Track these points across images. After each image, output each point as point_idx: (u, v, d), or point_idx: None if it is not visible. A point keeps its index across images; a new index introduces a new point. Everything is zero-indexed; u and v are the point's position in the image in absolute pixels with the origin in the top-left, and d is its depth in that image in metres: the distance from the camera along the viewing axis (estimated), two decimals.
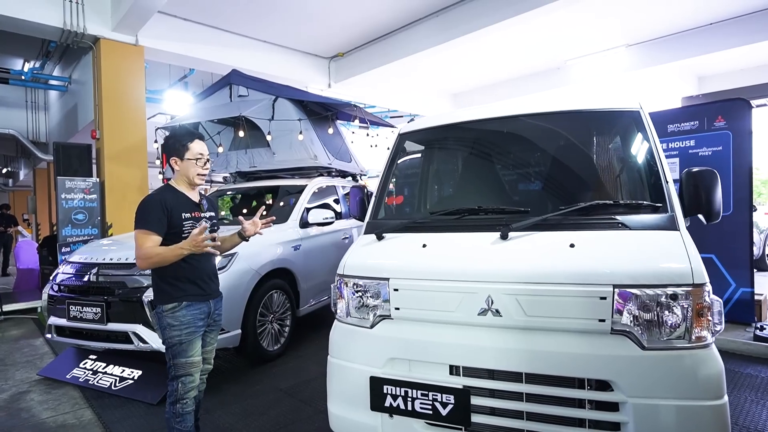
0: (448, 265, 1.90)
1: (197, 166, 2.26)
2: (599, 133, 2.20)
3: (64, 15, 6.49)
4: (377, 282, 2.03)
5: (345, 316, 2.14)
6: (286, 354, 4.24)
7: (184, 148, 2.25)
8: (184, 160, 2.25)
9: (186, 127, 2.38)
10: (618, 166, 2.10)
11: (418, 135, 2.65)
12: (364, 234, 2.36)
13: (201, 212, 2.30)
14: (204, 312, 2.26)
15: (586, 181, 2.11)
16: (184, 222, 2.19)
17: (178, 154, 2.26)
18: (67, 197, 6.50)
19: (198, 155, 2.26)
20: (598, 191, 2.06)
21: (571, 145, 2.21)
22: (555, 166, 2.20)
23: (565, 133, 2.25)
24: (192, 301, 2.21)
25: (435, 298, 1.88)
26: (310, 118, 5.81)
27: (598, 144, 2.18)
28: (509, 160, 2.37)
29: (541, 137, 2.29)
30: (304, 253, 4.60)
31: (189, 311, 2.19)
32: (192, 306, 2.20)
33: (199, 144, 2.29)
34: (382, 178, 2.56)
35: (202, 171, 2.29)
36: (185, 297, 2.19)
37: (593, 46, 9.42)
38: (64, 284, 3.70)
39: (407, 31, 8.62)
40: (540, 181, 2.22)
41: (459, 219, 2.13)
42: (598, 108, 2.22)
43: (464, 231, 2.06)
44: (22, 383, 3.77)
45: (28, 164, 14.80)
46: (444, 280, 1.87)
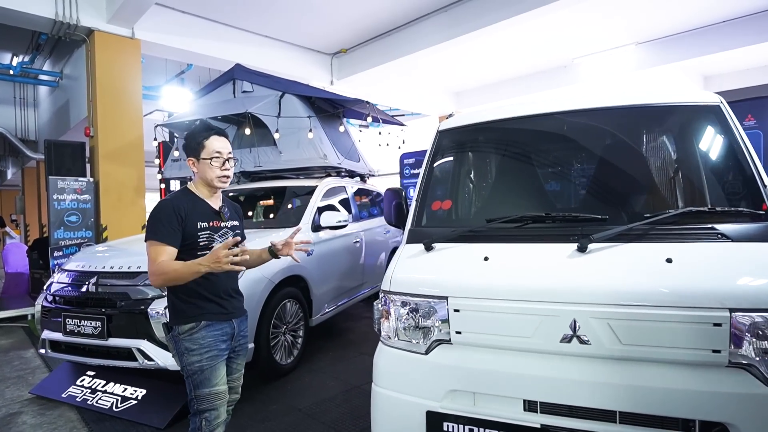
0: (520, 283, 1.63)
1: (214, 167, 1.93)
2: (676, 130, 1.95)
3: (56, 5, 6.14)
4: (433, 301, 1.76)
5: (392, 339, 1.87)
6: (300, 367, 3.95)
7: (200, 146, 1.94)
8: (200, 161, 1.94)
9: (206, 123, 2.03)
10: (703, 167, 1.85)
11: (462, 132, 2.38)
12: (407, 243, 2.09)
13: (221, 221, 1.99)
14: (226, 333, 1.95)
15: (667, 184, 1.86)
16: (200, 233, 1.89)
17: (194, 153, 1.96)
18: (59, 198, 6.15)
19: (214, 153, 1.93)
20: (684, 196, 1.81)
21: (646, 143, 1.96)
22: (629, 167, 1.95)
23: (638, 129, 1.99)
24: (211, 321, 1.91)
25: (506, 321, 1.62)
26: (317, 115, 5.52)
27: (676, 142, 1.93)
28: (574, 160, 2.11)
29: (610, 134, 2.03)
30: (317, 258, 4.32)
31: (209, 332, 1.89)
32: (212, 326, 1.91)
33: (217, 141, 1.96)
34: (423, 180, 2.29)
35: (221, 172, 1.95)
36: (203, 316, 1.90)
37: (601, 44, 9.24)
38: (59, 295, 3.38)
39: (412, 27, 8.36)
40: (613, 185, 1.96)
41: (521, 228, 1.87)
42: (675, 102, 1.97)
43: (529, 241, 1.80)
44: (12, 403, 3.44)
45: (16, 163, 14.28)
46: (517, 300, 1.61)
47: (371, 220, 5.93)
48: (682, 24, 8.56)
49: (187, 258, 1.83)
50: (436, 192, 2.26)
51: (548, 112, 2.14)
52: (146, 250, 1.83)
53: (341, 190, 5.40)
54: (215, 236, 1.93)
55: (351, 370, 3.89)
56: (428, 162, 2.35)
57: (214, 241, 1.92)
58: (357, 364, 4.04)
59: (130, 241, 4.40)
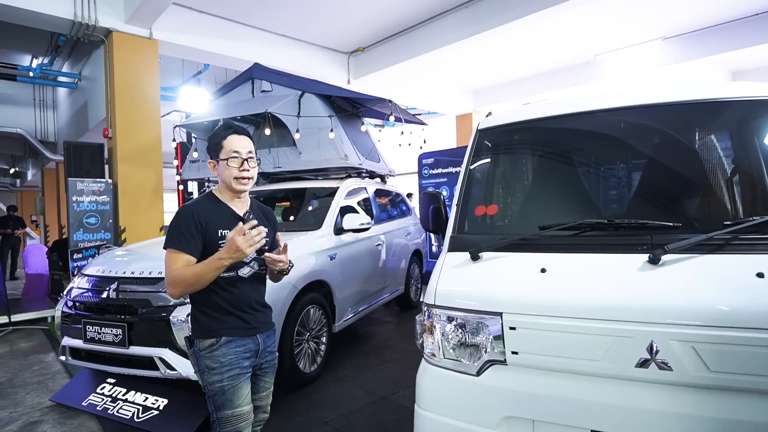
0: (586, 299, 1.46)
1: (231, 168, 1.76)
2: (753, 127, 1.75)
3: (74, 6, 6.10)
4: (484, 317, 1.60)
5: (437, 357, 1.71)
6: (324, 376, 3.82)
7: (218, 146, 1.80)
8: (219, 162, 1.79)
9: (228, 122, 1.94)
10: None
11: (505, 130, 2.22)
12: (449, 251, 1.93)
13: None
14: (250, 350, 1.80)
15: (747, 187, 1.67)
16: (220, 241, 1.72)
17: (214, 154, 1.82)
18: (78, 199, 6.11)
19: (232, 153, 1.76)
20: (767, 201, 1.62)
21: (718, 142, 1.77)
22: (699, 169, 1.76)
23: (708, 127, 1.81)
24: (233, 336, 1.76)
25: (570, 342, 1.45)
26: (337, 114, 5.39)
27: (756, 140, 1.73)
28: (635, 161, 1.93)
29: (677, 132, 1.85)
30: (340, 262, 4.18)
31: (230, 349, 1.75)
32: (233, 342, 1.76)
33: (236, 139, 1.79)
34: (463, 183, 2.13)
35: (240, 173, 1.77)
36: (223, 331, 1.75)
37: (625, 39, 8.94)
38: (79, 301, 3.29)
39: (431, 24, 8.18)
40: (683, 188, 1.78)
41: (579, 236, 1.70)
42: (748, 96, 1.78)
43: (590, 251, 1.63)
44: (33, 411, 3.37)
45: (36, 164, 14.45)
46: (583, 318, 1.44)
47: (392, 222, 5.79)
48: (711, 18, 8.24)
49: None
50: (479, 196, 2.09)
51: (603, 108, 1.96)
52: (164, 259, 1.71)
53: (362, 192, 5.27)
54: None
55: (377, 380, 3.74)
56: (468, 163, 2.19)
57: None
58: (382, 373, 3.90)
59: (149, 244, 4.31)
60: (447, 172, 7.95)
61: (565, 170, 2.03)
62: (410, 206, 6.78)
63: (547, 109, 2.11)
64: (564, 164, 2.03)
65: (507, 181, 2.16)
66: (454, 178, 7.77)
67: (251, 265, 1.80)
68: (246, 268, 1.79)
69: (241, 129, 1.85)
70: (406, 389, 3.52)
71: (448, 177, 7.92)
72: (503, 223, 2.01)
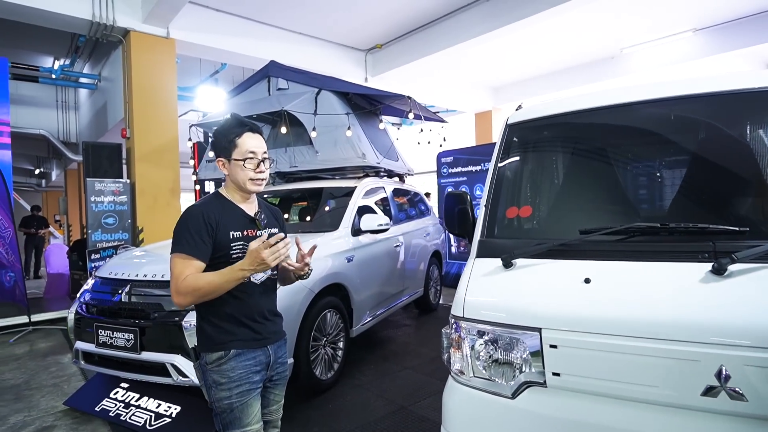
0: (640, 315, 1.28)
1: (247, 169, 1.63)
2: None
3: (93, 6, 6.10)
4: (521, 332, 1.43)
5: (466, 375, 1.55)
6: (341, 382, 3.68)
7: (231, 145, 1.64)
8: (232, 162, 1.65)
9: (238, 116, 1.76)
10: None
11: (538, 125, 2.03)
12: (478, 257, 1.76)
13: (258, 229, 1.71)
14: (260, 362, 1.67)
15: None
16: (233, 243, 1.60)
17: (225, 153, 1.67)
18: (97, 200, 6.12)
19: (248, 154, 1.63)
20: None
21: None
22: (766, 167, 1.55)
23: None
24: (242, 349, 1.62)
25: (622, 364, 1.27)
26: (355, 112, 5.25)
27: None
28: (689, 157, 1.72)
29: (736, 124, 1.64)
30: (358, 265, 4.03)
31: (239, 362, 1.61)
32: (243, 355, 1.62)
33: (251, 138, 1.66)
34: (492, 183, 1.95)
35: (256, 175, 1.65)
36: (233, 343, 1.61)
37: (654, 32, 8.58)
38: (91, 304, 3.22)
39: (451, 19, 7.98)
40: (747, 188, 1.57)
41: (627, 241, 1.51)
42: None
43: (640, 259, 1.44)
44: (47, 415, 3.31)
45: (59, 165, 14.74)
46: (637, 337, 1.25)
47: (411, 222, 5.62)
48: (745, 7, 7.83)
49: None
50: (510, 196, 1.91)
51: (647, 99, 1.76)
52: (170, 265, 1.56)
53: (380, 191, 5.11)
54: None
55: (396, 387, 3.59)
56: (497, 161, 2.01)
57: None
58: (401, 380, 3.74)
59: (166, 245, 4.23)
60: (467, 170, 7.74)
61: (605, 168, 1.84)
62: (429, 206, 6.60)
63: (584, 101, 1.92)
64: (604, 161, 1.84)
65: (541, 180, 1.98)
66: (474, 177, 7.56)
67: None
68: (259, 273, 1.65)
69: (255, 126, 1.71)
70: (427, 398, 3.36)
71: (467, 176, 7.71)
72: (537, 226, 1.83)
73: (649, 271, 1.39)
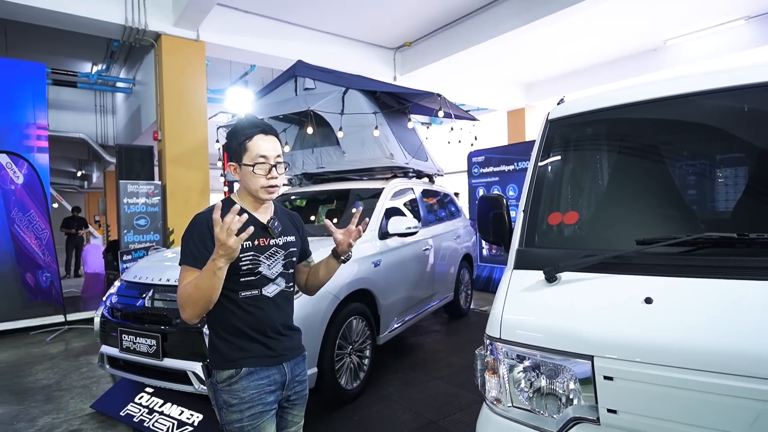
0: (721, 345, 1.07)
1: (257, 175, 1.48)
2: None
3: (125, 11, 6.20)
4: (569, 359, 1.24)
5: (504, 405, 1.36)
6: (367, 392, 3.54)
7: (241, 148, 1.50)
8: (242, 167, 1.51)
9: (251, 117, 1.60)
10: None
11: (583, 120, 1.82)
12: (516, 269, 1.57)
13: (271, 238, 1.55)
14: (275, 381, 1.52)
15: None
16: (242, 254, 1.44)
17: (236, 157, 1.53)
18: (129, 201, 6.21)
19: (258, 159, 1.48)
20: None
21: None
22: None
23: None
24: (255, 366, 1.49)
25: (695, 404, 1.06)
26: (382, 111, 5.10)
27: None
28: (762, 155, 1.48)
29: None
30: (385, 269, 3.88)
31: (252, 382, 1.48)
32: (255, 374, 1.48)
33: (263, 141, 1.51)
34: (531, 185, 1.76)
35: (267, 182, 1.50)
36: (245, 360, 1.48)
37: (702, 20, 8.03)
38: (116, 308, 3.20)
39: (482, 14, 7.72)
40: None
41: (694, 254, 1.29)
42: None
43: (711, 275, 1.22)
44: (74, 418, 3.32)
45: (99, 167, 15.27)
46: (716, 372, 1.04)
47: (441, 224, 5.43)
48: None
49: (228, 287, 1.42)
50: (552, 201, 1.71)
51: (718, 88, 1.52)
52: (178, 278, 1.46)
53: (409, 192, 4.95)
54: (261, 258, 1.50)
55: (424, 399, 3.41)
56: (536, 161, 1.81)
57: (260, 264, 1.50)
58: (430, 392, 3.56)
59: None
60: (499, 170, 7.47)
61: (661, 168, 1.62)
62: (459, 207, 6.39)
63: (636, 93, 1.69)
64: (660, 160, 1.61)
65: (588, 182, 1.76)
66: (507, 177, 7.28)
67: (277, 281, 1.55)
68: (272, 285, 1.54)
69: (268, 127, 1.56)
70: (458, 413, 3.17)
71: (500, 176, 7.44)
72: (584, 234, 1.62)
73: (724, 291, 1.18)
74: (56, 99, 10.52)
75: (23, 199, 5.47)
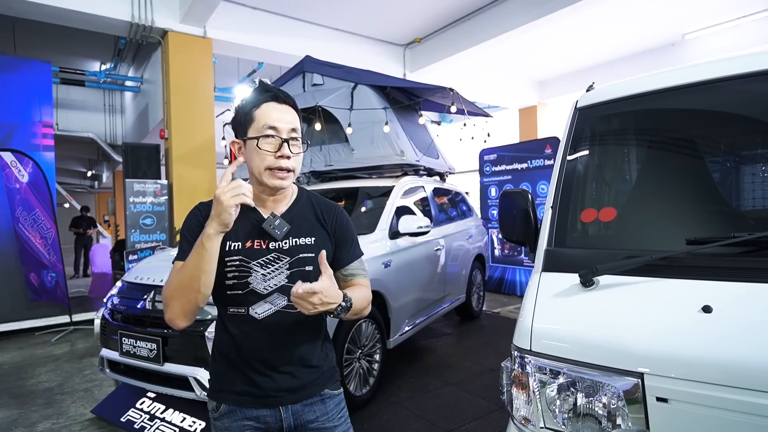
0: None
1: (263, 152, 1.13)
2: None
3: (132, 8, 6.12)
4: (612, 377, 1.07)
5: (535, 426, 1.20)
6: (376, 399, 3.38)
7: (248, 119, 1.16)
8: (247, 142, 1.16)
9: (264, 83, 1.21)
10: None
11: (617, 108, 1.65)
12: (544, 271, 1.40)
13: (270, 240, 1.18)
14: (267, 428, 1.19)
15: None
16: (227, 258, 1.15)
17: (242, 131, 1.18)
18: (135, 201, 6.12)
19: (266, 130, 1.13)
20: None
21: None
22: None
23: None
24: (234, 405, 1.18)
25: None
26: (392, 107, 4.95)
27: None
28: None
29: None
30: (396, 270, 3.72)
31: (234, 422, 1.18)
32: (238, 413, 1.18)
33: (274, 110, 1.16)
34: (560, 179, 1.59)
35: (276, 161, 1.13)
36: (222, 395, 1.20)
37: (723, 13, 7.76)
38: (117, 310, 3.08)
39: (494, 8, 7.54)
40: None
41: (756, 255, 1.12)
42: None
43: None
44: (74, 423, 3.21)
45: (108, 167, 15.32)
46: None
47: (452, 224, 5.26)
48: None
49: (216, 297, 1.19)
50: (584, 196, 1.55)
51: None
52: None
53: (420, 191, 4.79)
54: (251, 264, 1.16)
55: (436, 407, 3.25)
56: (565, 153, 1.64)
57: (250, 274, 1.16)
58: (442, 398, 3.40)
59: None
60: (511, 168, 7.27)
61: (710, 160, 1.44)
62: (471, 206, 6.21)
63: (679, 75, 1.52)
64: (708, 151, 1.44)
65: (624, 175, 1.59)
66: (520, 176, 7.09)
67: (271, 299, 1.16)
68: (262, 304, 1.16)
69: (284, 94, 1.20)
70: (473, 422, 3.01)
71: (512, 174, 7.24)
72: (622, 233, 1.45)
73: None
74: (65, 98, 10.53)
75: (28, 197, 5.40)
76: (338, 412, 1.26)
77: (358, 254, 1.31)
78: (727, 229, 1.27)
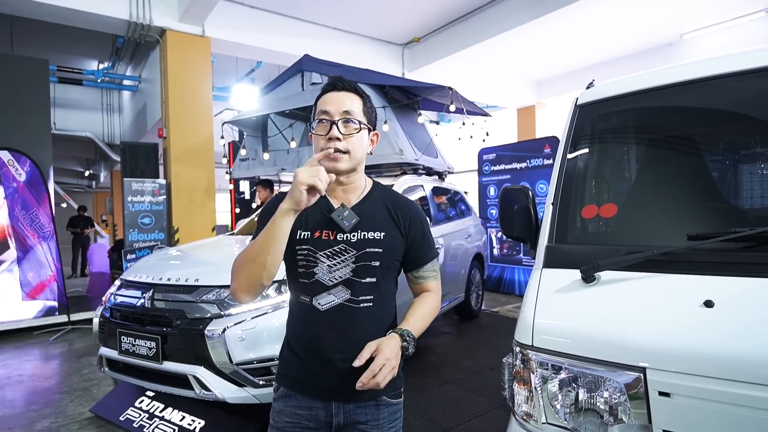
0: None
1: (318, 137, 1.16)
2: None
3: (130, 6, 6.10)
4: (614, 371, 1.07)
5: (537, 421, 1.20)
6: None
7: (314, 110, 1.22)
8: (314, 131, 1.19)
9: (332, 78, 1.23)
10: None
11: (618, 104, 1.65)
12: (545, 268, 1.40)
13: (338, 231, 1.16)
14: (315, 419, 1.17)
15: None
16: (297, 246, 1.16)
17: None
18: (134, 200, 6.11)
19: (321, 115, 1.16)
20: None
21: None
22: None
23: None
24: (289, 389, 1.20)
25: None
26: (391, 106, 4.95)
27: None
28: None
29: None
30: None
31: (288, 407, 1.19)
32: (293, 399, 1.19)
33: (330, 96, 1.18)
34: (560, 175, 1.59)
35: (326, 144, 1.13)
36: (281, 378, 1.22)
37: (721, 14, 7.78)
38: (116, 308, 3.07)
39: (492, 8, 7.55)
40: None
41: (758, 250, 1.12)
42: None
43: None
44: (72, 422, 3.19)
45: (106, 166, 15.27)
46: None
47: (451, 223, 5.27)
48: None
49: (290, 283, 1.22)
50: (584, 192, 1.55)
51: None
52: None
53: (419, 190, 4.79)
54: (318, 255, 1.15)
55: (436, 406, 3.25)
56: (565, 150, 1.64)
57: (316, 264, 1.16)
58: (442, 397, 3.40)
59: (199, 245, 4.08)
60: (510, 168, 7.29)
61: (712, 156, 1.44)
62: (470, 205, 6.22)
63: (680, 72, 1.52)
64: (710, 148, 1.45)
65: (624, 172, 1.60)
66: (519, 175, 7.10)
67: (335, 291, 1.15)
68: (326, 296, 1.16)
69: (345, 81, 1.20)
70: (473, 420, 3.01)
71: (512, 173, 7.26)
72: (623, 229, 1.45)
73: None
74: (63, 98, 10.49)
75: (25, 196, 5.38)
76: (390, 422, 1.21)
77: (434, 255, 1.29)
78: (727, 224, 1.27)
